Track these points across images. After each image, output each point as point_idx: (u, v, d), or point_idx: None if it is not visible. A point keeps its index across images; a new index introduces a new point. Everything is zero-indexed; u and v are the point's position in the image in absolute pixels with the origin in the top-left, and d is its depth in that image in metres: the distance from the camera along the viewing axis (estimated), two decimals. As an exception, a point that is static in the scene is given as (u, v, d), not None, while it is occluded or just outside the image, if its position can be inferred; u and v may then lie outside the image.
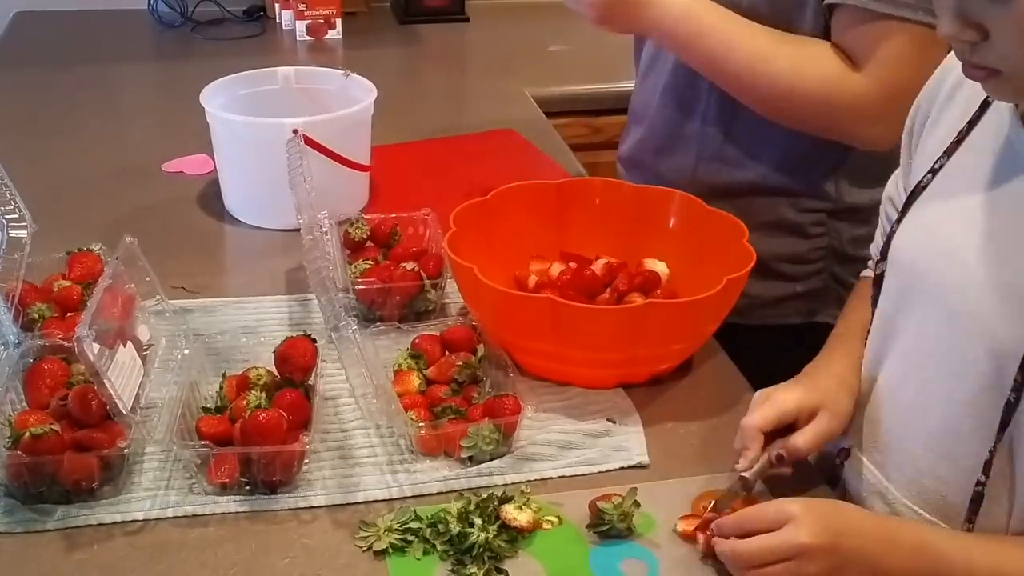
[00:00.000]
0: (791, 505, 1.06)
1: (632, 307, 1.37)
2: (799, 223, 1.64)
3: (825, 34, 1.48)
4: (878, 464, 1.21)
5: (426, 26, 2.89)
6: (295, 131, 1.62)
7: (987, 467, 1.06)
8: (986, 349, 1.04)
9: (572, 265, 1.51)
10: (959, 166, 1.14)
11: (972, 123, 1.13)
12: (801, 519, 1.03)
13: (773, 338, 1.66)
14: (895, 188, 1.30)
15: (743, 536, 1.05)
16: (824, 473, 1.29)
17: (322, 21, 2.75)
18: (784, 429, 1.20)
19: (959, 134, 1.14)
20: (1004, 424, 1.04)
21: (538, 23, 2.82)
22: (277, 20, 2.84)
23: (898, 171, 1.30)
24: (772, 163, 1.62)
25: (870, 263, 1.36)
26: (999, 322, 1.03)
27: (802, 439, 1.18)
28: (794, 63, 1.47)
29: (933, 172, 1.16)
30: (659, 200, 1.55)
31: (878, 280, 1.22)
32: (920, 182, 1.17)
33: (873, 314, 1.24)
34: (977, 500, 1.08)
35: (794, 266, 1.67)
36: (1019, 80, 0.98)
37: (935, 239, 1.13)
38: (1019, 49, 0.95)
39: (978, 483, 1.07)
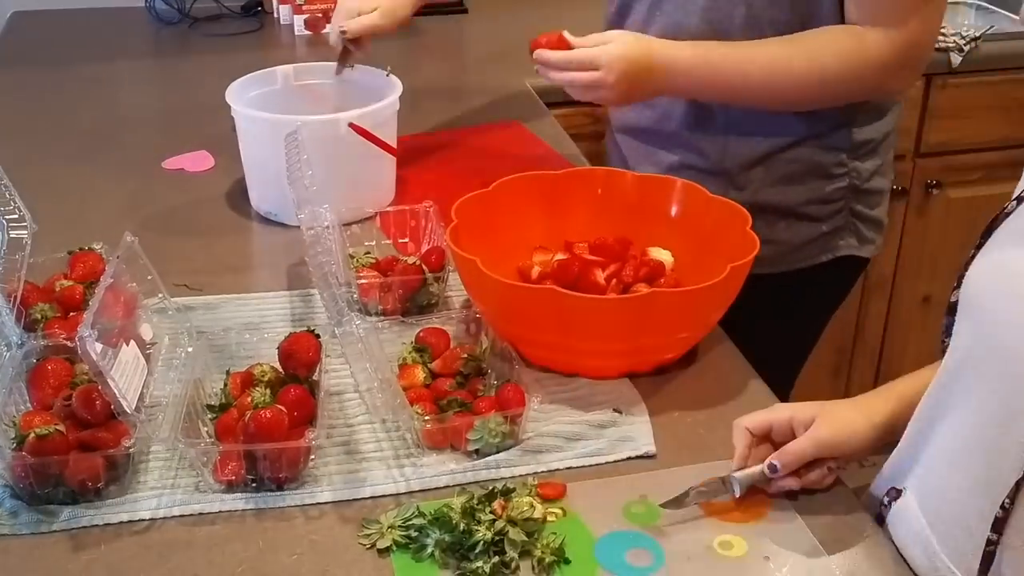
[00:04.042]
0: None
1: (637, 296, 1.36)
2: (822, 164, 1.72)
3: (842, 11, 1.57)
4: (927, 512, 1.12)
5: (424, 18, 2.87)
6: (293, 130, 1.61)
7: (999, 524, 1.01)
8: None
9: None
10: None
11: None
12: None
13: (801, 278, 1.74)
14: None
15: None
16: (871, 511, 1.20)
17: (320, 15, 2.73)
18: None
19: None
20: None
21: (537, 12, 2.80)
22: (275, 15, 2.82)
23: None
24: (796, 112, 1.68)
25: None
26: None
27: (792, 444, 1.16)
28: (810, 59, 1.56)
29: (1019, 200, 1.06)
30: (660, 188, 1.55)
31: (951, 308, 1.11)
32: (1004, 209, 1.07)
33: (944, 343, 1.13)
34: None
35: (819, 207, 1.74)
36: None
37: (1006, 276, 1.02)
38: None
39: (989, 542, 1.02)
